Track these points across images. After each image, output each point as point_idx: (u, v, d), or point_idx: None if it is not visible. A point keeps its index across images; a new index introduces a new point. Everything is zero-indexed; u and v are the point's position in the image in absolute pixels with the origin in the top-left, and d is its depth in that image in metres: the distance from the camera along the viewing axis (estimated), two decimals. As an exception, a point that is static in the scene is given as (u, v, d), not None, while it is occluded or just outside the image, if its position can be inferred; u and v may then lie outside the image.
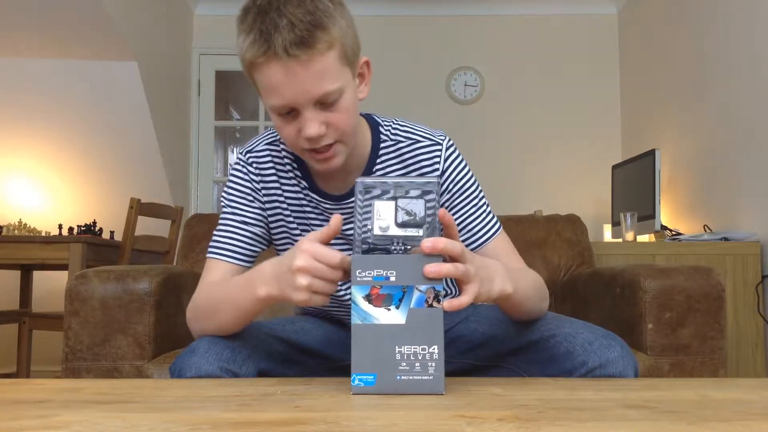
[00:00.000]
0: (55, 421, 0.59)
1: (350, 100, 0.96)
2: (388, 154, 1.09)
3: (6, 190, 3.78)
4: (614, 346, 0.95)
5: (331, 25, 0.91)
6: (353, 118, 0.99)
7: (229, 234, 1.09)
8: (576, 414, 0.61)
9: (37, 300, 3.60)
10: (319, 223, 1.10)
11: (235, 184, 1.12)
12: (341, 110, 0.95)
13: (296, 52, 0.89)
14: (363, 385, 0.73)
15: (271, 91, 0.93)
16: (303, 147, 0.97)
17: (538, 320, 1.05)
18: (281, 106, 0.94)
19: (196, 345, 0.96)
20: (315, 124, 0.94)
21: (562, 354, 0.97)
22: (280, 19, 0.89)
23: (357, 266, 0.74)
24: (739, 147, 2.85)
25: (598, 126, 4.28)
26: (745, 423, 0.57)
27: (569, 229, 1.92)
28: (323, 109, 0.94)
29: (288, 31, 0.88)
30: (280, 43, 0.88)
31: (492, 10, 4.36)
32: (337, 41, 0.92)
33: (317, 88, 0.92)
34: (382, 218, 0.76)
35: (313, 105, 0.94)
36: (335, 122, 0.95)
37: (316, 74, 0.91)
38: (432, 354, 0.73)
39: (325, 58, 0.91)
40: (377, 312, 0.74)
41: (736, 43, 2.89)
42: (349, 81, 0.96)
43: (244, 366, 0.95)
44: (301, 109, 0.94)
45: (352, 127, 0.99)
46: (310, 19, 0.89)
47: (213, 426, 0.56)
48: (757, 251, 2.57)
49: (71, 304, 1.38)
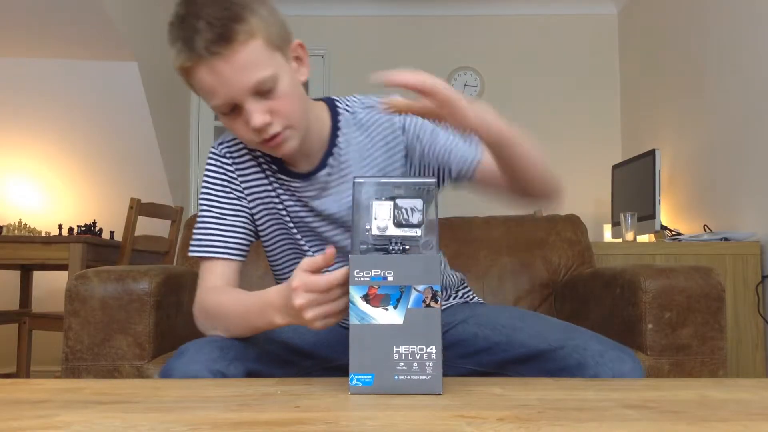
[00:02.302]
0: (55, 421, 0.59)
1: (288, 85, 0.98)
2: (348, 125, 1.10)
3: (6, 190, 3.78)
4: (626, 360, 0.95)
5: (248, 15, 0.93)
6: (296, 102, 0.99)
7: (212, 228, 1.09)
8: (576, 414, 0.61)
9: (37, 300, 3.60)
10: (293, 203, 1.10)
11: (211, 178, 1.12)
12: (281, 96, 0.96)
13: (218, 49, 0.91)
14: (361, 385, 0.73)
15: (207, 92, 0.96)
16: (255, 139, 0.99)
17: (542, 327, 1.04)
18: (222, 104, 0.96)
19: (186, 347, 0.97)
20: (259, 114, 0.95)
21: (573, 366, 0.96)
22: (198, 22, 0.91)
23: (355, 266, 0.74)
24: (739, 147, 2.85)
25: (598, 126, 4.27)
26: (745, 423, 0.57)
27: (569, 229, 1.92)
28: (263, 98, 0.96)
29: (206, 31, 0.91)
30: (201, 44, 0.91)
31: (492, 10, 4.35)
32: (258, 30, 0.94)
33: (248, 78, 0.93)
34: (380, 218, 0.76)
35: (252, 96, 0.95)
36: (278, 108, 0.97)
37: (243, 66, 0.93)
38: (430, 354, 0.73)
39: (249, 49, 0.93)
40: (375, 312, 0.74)
41: (735, 43, 2.89)
42: (282, 66, 0.97)
43: (232, 366, 0.96)
44: (242, 103, 0.95)
45: (298, 111, 1.00)
46: (225, 14, 0.91)
47: (213, 426, 0.56)
48: (757, 251, 2.57)
49: (71, 304, 1.38)
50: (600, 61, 4.30)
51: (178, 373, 0.92)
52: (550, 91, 4.30)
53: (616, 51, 4.31)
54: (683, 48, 3.38)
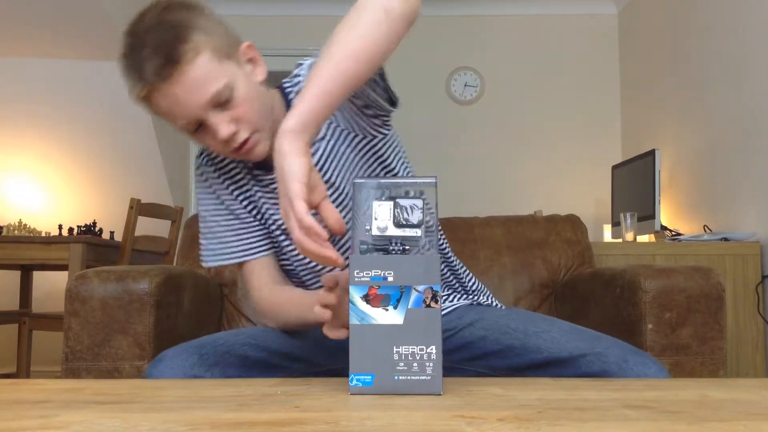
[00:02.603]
0: (55, 421, 0.59)
1: (246, 90, 0.98)
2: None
3: (6, 190, 3.78)
4: (648, 364, 0.95)
5: (190, 33, 0.93)
6: (257, 104, 0.99)
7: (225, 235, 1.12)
8: (576, 414, 0.61)
9: (37, 300, 3.60)
10: (266, 199, 1.11)
11: (200, 189, 1.15)
12: (241, 102, 0.97)
13: (167, 73, 0.92)
14: (361, 385, 0.73)
15: (169, 116, 0.97)
16: (226, 150, 0.99)
17: (558, 333, 1.03)
18: (186, 124, 0.97)
19: (164, 354, 1.00)
20: (223, 125, 0.96)
21: (597, 373, 0.96)
22: (143, 51, 0.93)
23: (355, 266, 0.74)
24: (739, 147, 2.85)
25: (598, 126, 4.27)
26: (745, 423, 0.57)
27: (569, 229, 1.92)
28: (224, 109, 0.96)
29: (153, 58, 0.92)
30: (150, 71, 0.92)
31: (492, 10, 4.35)
32: (203, 44, 0.94)
33: (203, 94, 0.94)
34: (380, 219, 0.76)
35: (212, 110, 0.95)
36: (241, 115, 0.97)
37: (195, 83, 0.93)
38: (430, 354, 0.73)
39: (197, 65, 0.93)
40: (375, 312, 0.74)
41: (736, 43, 2.89)
42: (235, 73, 0.98)
43: (209, 371, 0.98)
44: (204, 118, 0.96)
45: (261, 113, 1.00)
46: (168, 37, 0.92)
47: (213, 426, 0.56)
48: (757, 251, 2.57)
49: (71, 305, 1.38)
50: (600, 61, 4.30)
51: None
52: (550, 91, 4.30)
53: (616, 51, 4.31)
54: (683, 48, 3.38)
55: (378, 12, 0.85)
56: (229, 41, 0.99)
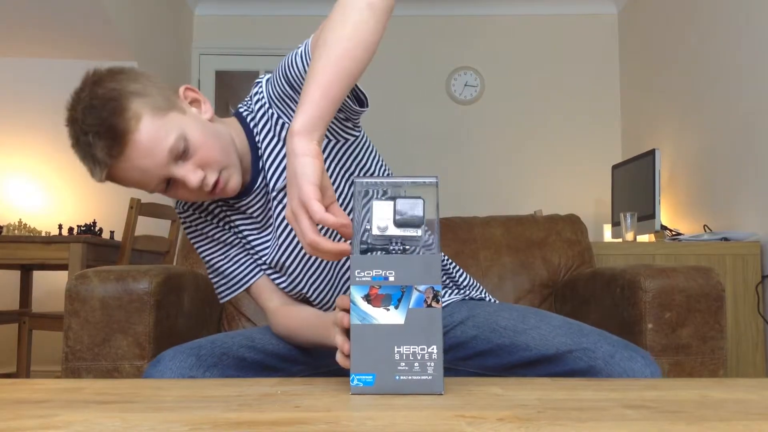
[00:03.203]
0: (55, 421, 0.59)
1: (199, 134, 0.97)
2: (258, 121, 1.06)
3: (6, 190, 3.78)
4: (636, 357, 0.94)
5: (124, 102, 0.93)
6: (215, 143, 0.99)
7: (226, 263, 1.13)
8: (576, 414, 0.61)
9: (37, 300, 3.60)
10: (245, 225, 1.11)
11: (189, 233, 1.15)
12: (199, 148, 0.96)
13: (117, 151, 0.92)
14: (362, 385, 0.73)
15: (138, 185, 0.98)
16: (202, 196, 1.00)
17: (546, 329, 1.02)
18: (155, 186, 0.98)
19: (162, 355, 1.00)
20: (191, 175, 0.96)
21: (583, 369, 0.95)
22: (87, 137, 0.93)
23: (356, 266, 0.74)
24: (739, 147, 2.85)
25: (598, 126, 4.28)
26: (745, 423, 0.57)
27: (569, 229, 1.92)
28: (185, 160, 0.96)
29: (98, 141, 0.92)
30: (101, 155, 0.92)
31: (492, 10, 4.36)
32: (141, 107, 0.94)
33: (159, 154, 0.94)
34: (381, 218, 0.76)
35: (174, 164, 0.96)
36: (203, 159, 0.97)
37: (147, 147, 0.93)
38: (431, 354, 0.73)
39: (143, 131, 0.93)
40: (376, 312, 0.74)
41: (735, 43, 2.89)
42: (182, 121, 0.97)
43: (207, 373, 0.98)
44: (169, 174, 0.96)
45: (222, 149, 0.99)
46: (104, 115, 0.92)
47: (213, 426, 0.56)
48: (757, 251, 2.57)
49: (71, 304, 1.38)
50: (600, 61, 4.30)
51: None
52: (550, 91, 4.30)
53: (616, 51, 4.31)
54: (683, 48, 3.38)
55: (363, 10, 0.85)
56: (166, 93, 0.98)
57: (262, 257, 1.11)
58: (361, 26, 0.85)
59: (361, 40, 0.84)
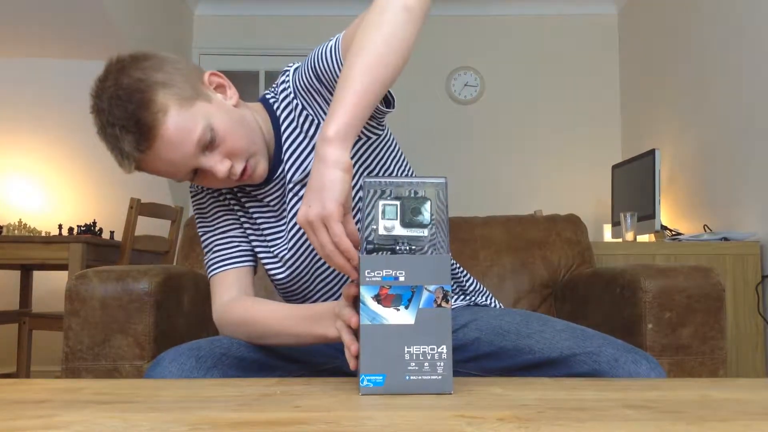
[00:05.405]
0: (55, 421, 0.59)
1: (226, 122, 0.96)
2: (281, 111, 1.05)
3: (6, 190, 3.78)
4: (640, 361, 0.93)
5: (150, 94, 0.92)
6: (242, 131, 0.98)
7: (213, 245, 1.11)
8: (576, 414, 0.61)
9: (37, 300, 3.60)
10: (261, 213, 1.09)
11: (199, 206, 1.14)
12: (226, 137, 0.96)
13: (144, 145, 0.92)
14: (372, 385, 0.73)
15: (165, 175, 0.98)
16: (230, 184, 1.00)
17: (550, 333, 1.02)
18: (182, 178, 0.98)
19: (162, 357, 0.99)
20: (219, 166, 0.95)
21: (588, 373, 0.95)
22: (115, 130, 0.92)
23: (366, 266, 0.74)
24: (739, 147, 2.85)
25: (598, 126, 4.28)
26: (745, 423, 0.57)
27: (569, 229, 1.92)
28: (213, 149, 0.96)
29: (126, 135, 0.91)
30: (129, 148, 0.92)
31: (492, 10, 4.36)
32: (168, 100, 0.93)
33: (186, 146, 0.93)
34: (387, 218, 0.76)
35: (202, 154, 0.95)
36: (230, 149, 0.96)
37: (175, 140, 0.93)
38: (441, 354, 0.73)
39: (170, 123, 0.92)
40: (386, 312, 0.73)
41: (735, 43, 2.89)
42: (209, 110, 0.96)
43: (208, 374, 0.97)
44: (198, 164, 0.96)
45: (249, 137, 0.99)
46: (132, 108, 0.91)
47: (213, 426, 0.56)
48: (757, 251, 2.57)
49: (71, 304, 1.38)
50: (600, 61, 4.30)
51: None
52: (550, 91, 4.30)
53: (616, 51, 4.31)
54: (683, 48, 3.38)
55: (400, 13, 0.84)
56: (192, 82, 0.97)
57: (272, 248, 1.10)
58: (397, 31, 0.84)
59: (396, 47, 0.84)
